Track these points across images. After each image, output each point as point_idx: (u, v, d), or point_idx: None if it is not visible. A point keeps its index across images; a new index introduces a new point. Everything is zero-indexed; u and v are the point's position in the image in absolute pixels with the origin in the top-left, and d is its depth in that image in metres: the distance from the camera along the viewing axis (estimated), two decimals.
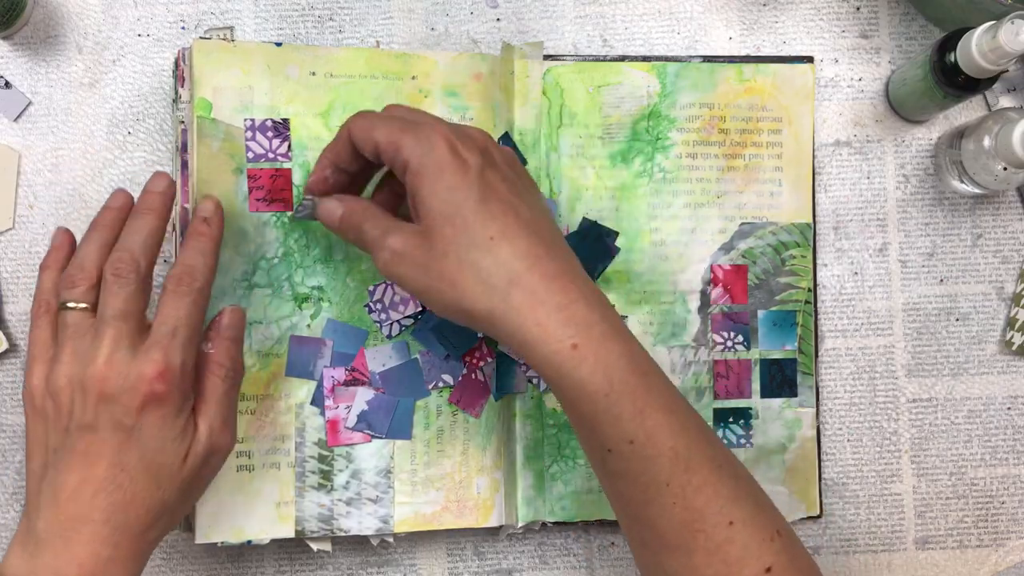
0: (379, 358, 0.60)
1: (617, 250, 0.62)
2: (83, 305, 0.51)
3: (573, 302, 0.47)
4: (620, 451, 0.47)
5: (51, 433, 0.51)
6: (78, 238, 0.53)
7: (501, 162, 0.51)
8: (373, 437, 0.60)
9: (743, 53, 0.65)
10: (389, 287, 0.60)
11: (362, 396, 0.60)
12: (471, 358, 0.61)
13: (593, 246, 0.62)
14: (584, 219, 0.62)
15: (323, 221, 0.54)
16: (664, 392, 0.48)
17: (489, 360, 0.61)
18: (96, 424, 0.49)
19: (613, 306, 0.49)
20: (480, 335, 0.61)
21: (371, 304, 0.60)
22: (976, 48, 0.55)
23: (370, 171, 0.56)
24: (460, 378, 0.61)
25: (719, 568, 0.47)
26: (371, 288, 0.60)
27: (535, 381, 0.61)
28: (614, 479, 0.49)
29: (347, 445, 0.60)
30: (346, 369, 0.60)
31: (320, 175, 0.55)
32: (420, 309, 0.60)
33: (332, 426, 0.60)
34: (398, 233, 0.50)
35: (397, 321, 0.60)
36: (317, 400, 0.60)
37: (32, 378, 0.51)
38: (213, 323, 0.54)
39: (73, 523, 0.49)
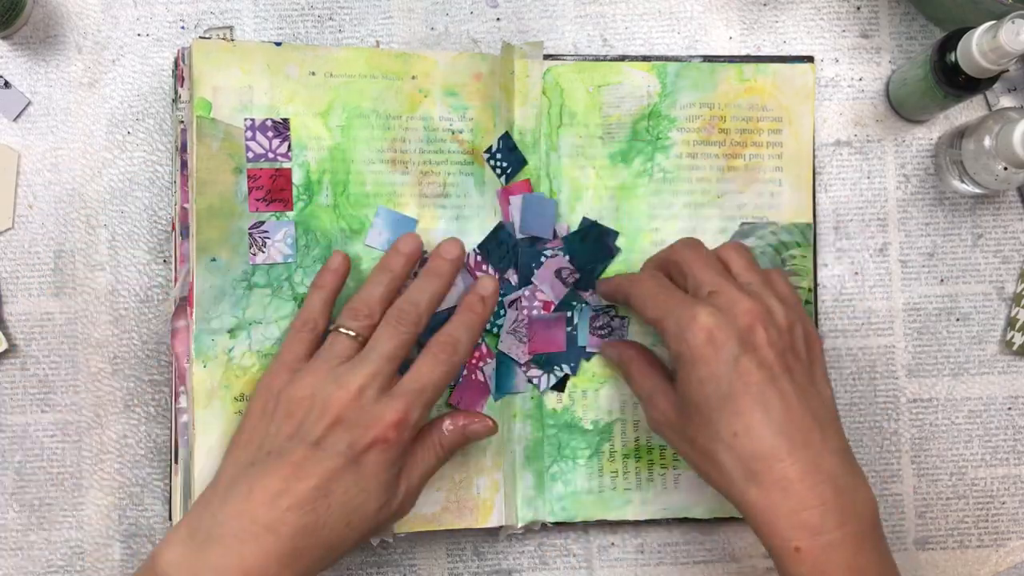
0: None
1: (617, 250, 0.62)
2: (357, 336, 0.54)
3: (808, 508, 0.48)
4: None
5: (272, 436, 0.52)
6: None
7: (764, 344, 0.50)
8: None
9: (743, 53, 0.65)
10: None
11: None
12: (471, 358, 0.61)
13: (593, 246, 0.62)
14: (584, 219, 0.62)
15: (604, 352, 0.61)
16: None
17: (489, 360, 0.61)
18: (322, 443, 0.51)
19: (871, 499, 0.50)
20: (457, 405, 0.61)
21: None
22: (976, 48, 0.55)
23: None
24: (460, 379, 0.61)
25: None
26: None
27: (535, 381, 0.61)
28: None
29: None
30: None
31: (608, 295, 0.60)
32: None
33: None
34: (661, 400, 0.54)
35: None
36: None
37: (274, 379, 0.54)
38: (469, 417, 0.56)
39: (258, 528, 0.48)
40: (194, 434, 0.58)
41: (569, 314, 0.61)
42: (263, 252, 0.59)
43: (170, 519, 0.61)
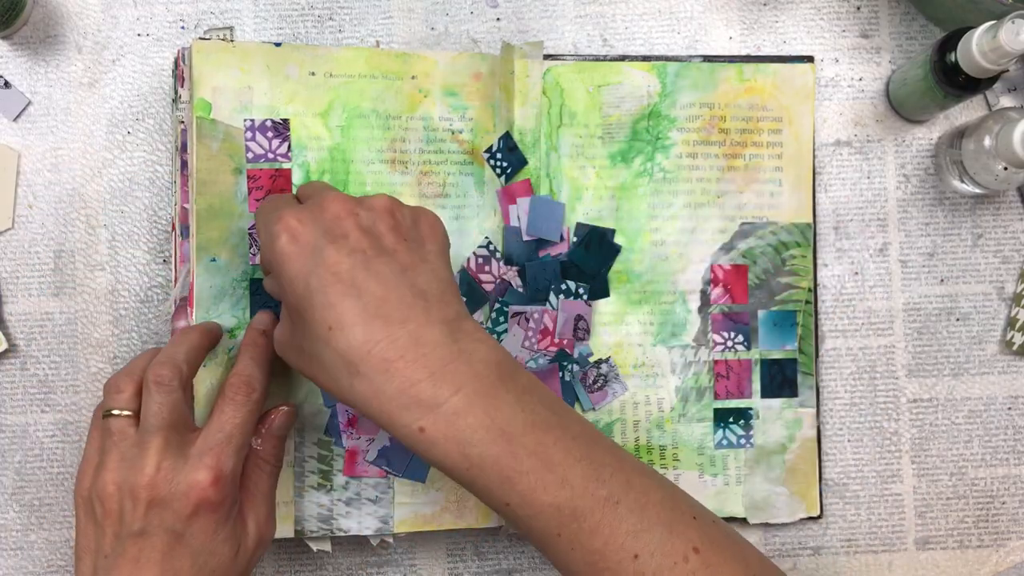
0: None
1: (619, 246, 0.62)
2: (126, 412, 0.52)
3: (415, 383, 0.45)
4: (503, 511, 0.47)
5: (102, 538, 0.50)
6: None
7: (355, 231, 0.48)
8: (389, 474, 0.60)
9: (743, 53, 0.65)
10: None
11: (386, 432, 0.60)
12: None
13: (597, 250, 0.62)
14: (579, 224, 0.62)
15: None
16: (540, 449, 0.46)
17: None
18: (147, 530, 0.49)
19: (488, 357, 0.47)
20: None
21: None
22: (976, 48, 0.55)
23: None
24: None
25: None
26: None
27: None
28: (515, 529, 0.49)
29: (361, 477, 0.60)
30: None
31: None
32: None
33: (350, 456, 0.60)
34: (279, 325, 0.52)
35: None
36: (331, 431, 0.60)
37: (83, 480, 0.52)
38: (265, 420, 0.55)
39: None
40: None
41: (560, 373, 0.61)
42: None
43: None
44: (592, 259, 0.62)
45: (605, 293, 0.62)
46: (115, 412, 0.52)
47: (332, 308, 0.46)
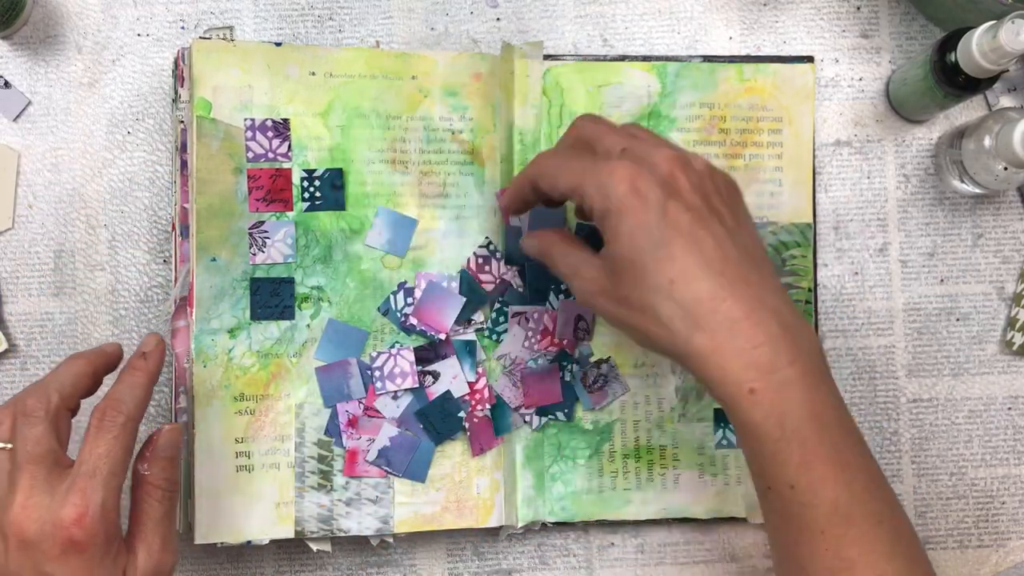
0: (389, 409, 0.60)
1: None
2: (6, 446, 0.49)
3: (757, 346, 0.46)
4: (780, 492, 0.47)
5: None
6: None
7: (688, 190, 0.48)
8: (389, 474, 0.60)
9: (743, 53, 0.65)
10: (392, 357, 0.60)
11: (386, 432, 0.60)
12: (472, 401, 0.61)
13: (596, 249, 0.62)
14: (580, 225, 0.62)
15: (529, 254, 0.55)
16: (840, 444, 0.47)
17: (488, 405, 0.61)
18: (19, 572, 0.46)
19: (816, 337, 0.48)
20: (463, 419, 0.61)
21: (371, 370, 0.60)
22: (976, 48, 0.55)
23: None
24: (469, 425, 0.61)
25: None
26: (373, 354, 0.60)
27: (527, 420, 0.61)
28: (772, 515, 0.49)
29: (361, 477, 0.60)
30: (360, 402, 0.60)
31: (512, 205, 0.55)
32: (416, 385, 0.60)
33: (351, 456, 0.60)
34: (587, 270, 0.50)
35: (395, 392, 0.60)
36: (331, 431, 0.60)
37: None
38: (149, 442, 0.52)
39: None
40: (194, 434, 0.58)
41: (560, 373, 0.62)
42: (263, 252, 0.59)
43: None
44: None
45: None
46: None
47: (675, 261, 0.46)
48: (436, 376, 0.60)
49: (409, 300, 0.61)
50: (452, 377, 0.60)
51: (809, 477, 0.46)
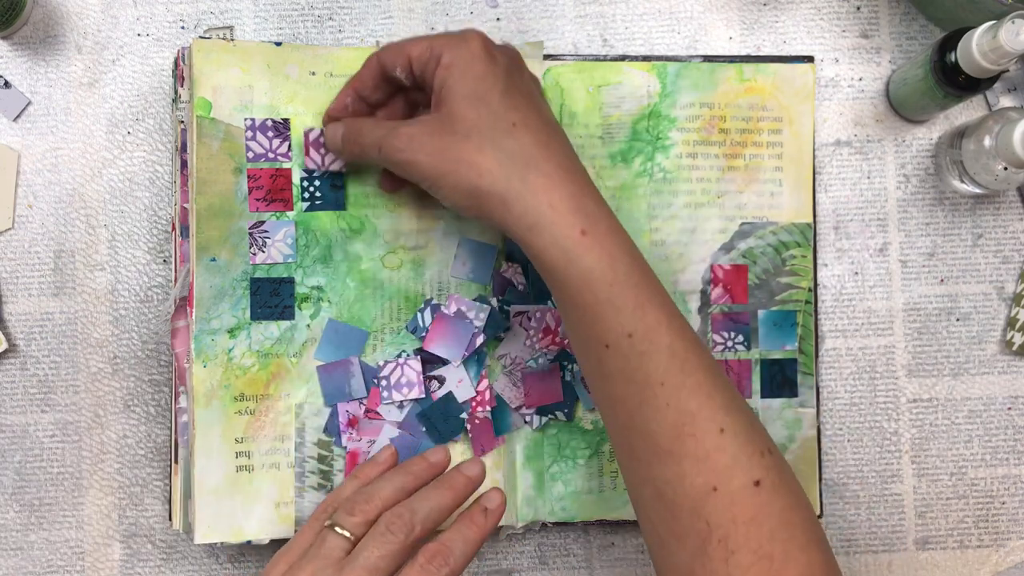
0: (392, 414, 0.60)
1: None
2: (349, 535, 0.50)
3: (583, 194, 0.49)
4: (618, 346, 0.48)
5: None
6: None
7: (518, 63, 0.53)
8: None
9: (743, 53, 0.65)
10: (400, 367, 0.60)
11: (387, 433, 0.60)
12: (473, 403, 0.61)
13: None
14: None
15: (329, 146, 0.57)
16: (662, 292, 0.49)
17: (489, 407, 0.61)
18: None
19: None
20: (464, 420, 0.61)
21: (377, 378, 0.60)
22: (976, 48, 0.55)
23: (386, 102, 0.57)
24: (470, 426, 0.61)
25: (708, 476, 0.47)
26: (380, 362, 0.60)
27: (528, 419, 0.61)
28: (609, 380, 0.49)
29: None
30: (360, 402, 0.60)
31: (340, 103, 0.56)
32: (422, 395, 0.60)
33: (351, 458, 0.60)
34: (411, 124, 0.52)
35: (397, 400, 0.60)
36: (331, 430, 0.60)
37: (273, 570, 0.50)
38: (438, 540, 0.51)
39: None
40: (194, 434, 0.58)
41: (561, 373, 0.62)
42: (263, 252, 0.59)
43: (170, 519, 0.61)
44: None
45: None
46: (341, 531, 0.50)
47: (518, 110, 0.50)
48: (441, 381, 0.60)
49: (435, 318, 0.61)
50: (457, 381, 0.60)
51: (646, 322, 0.47)
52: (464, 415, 0.60)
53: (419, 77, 0.53)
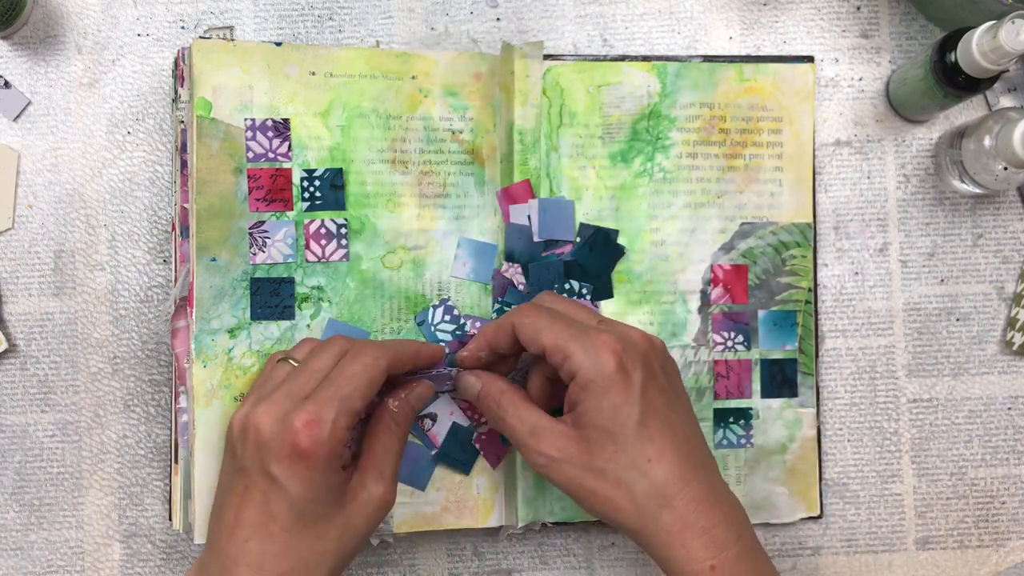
0: None
1: (623, 248, 0.62)
2: (294, 363, 0.53)
3: (716, 525, 0.50)
4: None
5: (224, 470, 0.52)
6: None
7: (659, 371, 0.52)
8: None
9: (743, 53, 0.65)
10: None
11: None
12: (474, 414, 0.61)
13: (602, 251, 0.62)
14: (583, 225, 0.62)
15: (461, 392, 0.57)
16: None
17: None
18: (249, 468, 0.50)
19: (745, 515, 0.52)
20: (479, 447, 0.61)
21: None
22: (976, 48, 0.55)
23: (520, 354, 0.57)
24: (477, 431, 0.61)
25: None
26: None
27: None
28: None
29: None
30: None
31: (475, 354, 0.57)
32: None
33: None
34: (551, 436, 0.51)
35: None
36: None
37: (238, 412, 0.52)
38: (405, 386, 0.55)
39: (228, 562, 0.49)
40: (194, 434, 0.58)
41: None
42: (263, 252, 0.59)
43: (170, 519, 0.61)
44: (596, 260, 0.62)
45: (609, 294, 0.62)
46: (292, 360, 0.54)
47: (654, 441, 0.50)
48: (434, 419, 0.60)
49: (447, 318, 0.61)
50: (449, 414, 0.60)
51: None
52: (475, 435, 0.61)
53: (555, 367, 0.52)
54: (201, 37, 0.61)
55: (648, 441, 0.50)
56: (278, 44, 0.60)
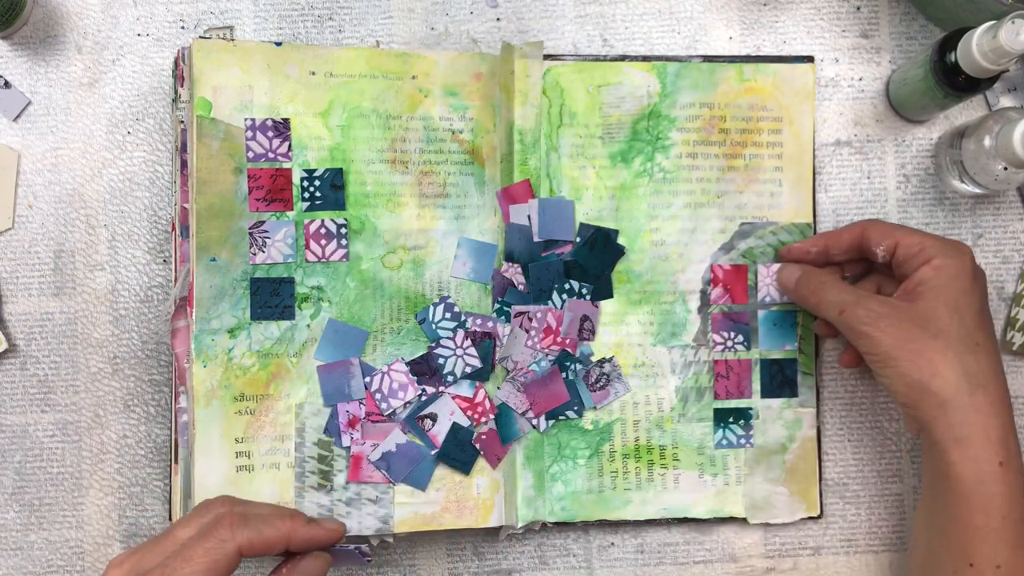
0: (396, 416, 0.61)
1: (623, 247, 0.62)
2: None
3: (1010, 428, 0.53)
4: (982, 572, 0.51)
5: None
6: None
7: (984, 292, 0.56)
8: (388, 479, 0.60)
9: (743, 53, 0.65)
10: (386, 375, 0.60)
11: (394, 439, 0.60)
12: (476, 415, 0.61)
13: (602, 251, 0.62)
14: (583, 225, 0.62)
15: (780, 282, 0.61)
16: None
17: (491, 416, 0.61)
18: None
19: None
20: (479, 447, 0.61)
21: (371, 392, 0.60)
22: (976, 48, 0.55)
23: (844, 267, 0.61)
24: (477, 434, 0.61)
25: None
26: (367, 379, 0.60)
27: (534, 423, 0.61)
28: None
29: (365, 483, 0.60)
30: (360, 402, 0.60)
31: (805, 248, 0.61)
32: (418, 394, 0.60)
33: (355, 462, 0.60)
34: (881, 302, 0.55)
35: (397, 407, 0.60)
36: (331, 430, 0.60)
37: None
38: (292, 560, 0.52)
39: None
40: (194, 434, 0.58)
41: (563, 374, 0.62)
42: (263, 252, 0.59)
43: (170, 519, 0.61)
44: (597, 260, 0.62)
45: (609, 294, 0.62)
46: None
47: (984, 331, 0.54)
48: (434, 419, 0.60)
49: (447, 315, 0.61)
50: (449, 413, 0.60)
51: (1017, 561, 0.51)
52: (474, 435, 0.61)
53: (898, 264, 0.57)
54: (201, 37, 0.61)
55: (981, 329, 0.54)
56: (278, 44, 0.60)
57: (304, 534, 0.51)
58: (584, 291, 0.62)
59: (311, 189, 0.60)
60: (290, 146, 0.60)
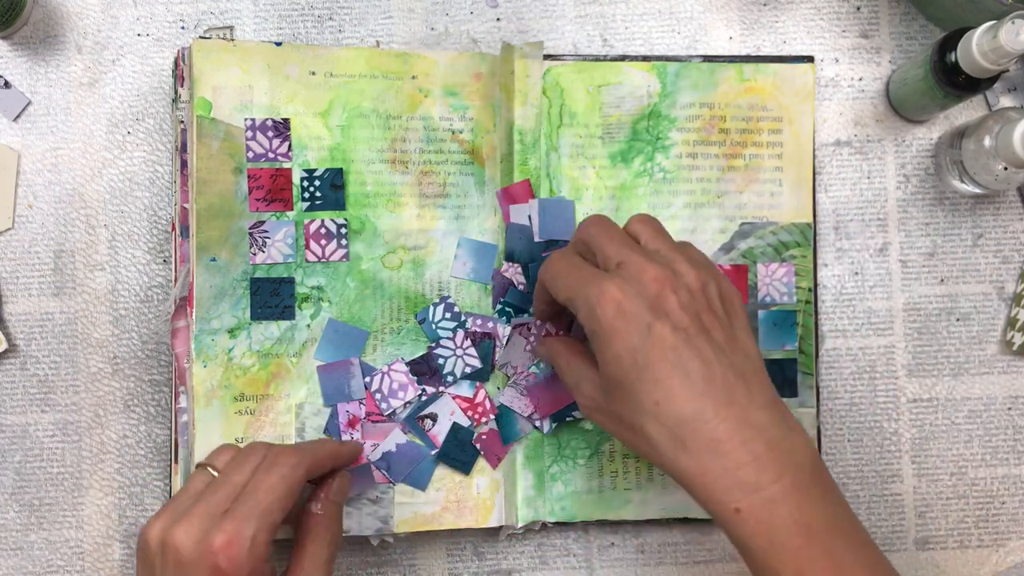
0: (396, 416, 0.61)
1: None
2: (214, 472, 0.52)
3: (741, 466, 0.46)
4: None
5: None
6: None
7: (676, 308, 0.48)
8: (388, 479, 0.60)
9: (743, 53, 0.65)
10: (386, 375, 0.60)
11: (394, 439, 0.60)
12: (476, 415, 0.61)
13: None
14: None
15: (540, 358, 0.60)
16: (834, 549, 0.47)
17: (492, 416, 0.61)
18: None
19: (807, 447, 0.48)
20: (479, 448, 0.61)
21: (371, 392, 0.60)
22: (976, 48, 0.55)
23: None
24: (478, 434, 0.61)
25: None
26: (367, 379, 0.60)
27: (537, 424, 0.61)
28: None
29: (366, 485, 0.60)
30: (360, 403, 0.60)
31: (538, 307, 0.57)
32: (418, 394, 0.60)
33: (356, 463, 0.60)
34: (587, 386, 0.52)
35: (397, 407, 0.60)
36: (331, 430, 0.60)
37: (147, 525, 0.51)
38: (323, 486, 0.55)
39: None
40: (194, 434, 0.58)
41: None
42: (263, 252, 0.59)
43: None
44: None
45: None
46: (211, 469, 0.52)
47: (660, 384, 0.47)
48: (435, 419, 0.60)
49: (447, 315, 0.61)
50: (450, 413, 0.60)
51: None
52: (474, 435, 0.61)
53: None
54: (201, 37, 0.61)
55: (654, 384, 0.47)
56: (278, 44, 0.60)
57: (345, 449, 0.56)
58: None
59: (311, 189, 0.60)
60: (290, 146, 0.60)
